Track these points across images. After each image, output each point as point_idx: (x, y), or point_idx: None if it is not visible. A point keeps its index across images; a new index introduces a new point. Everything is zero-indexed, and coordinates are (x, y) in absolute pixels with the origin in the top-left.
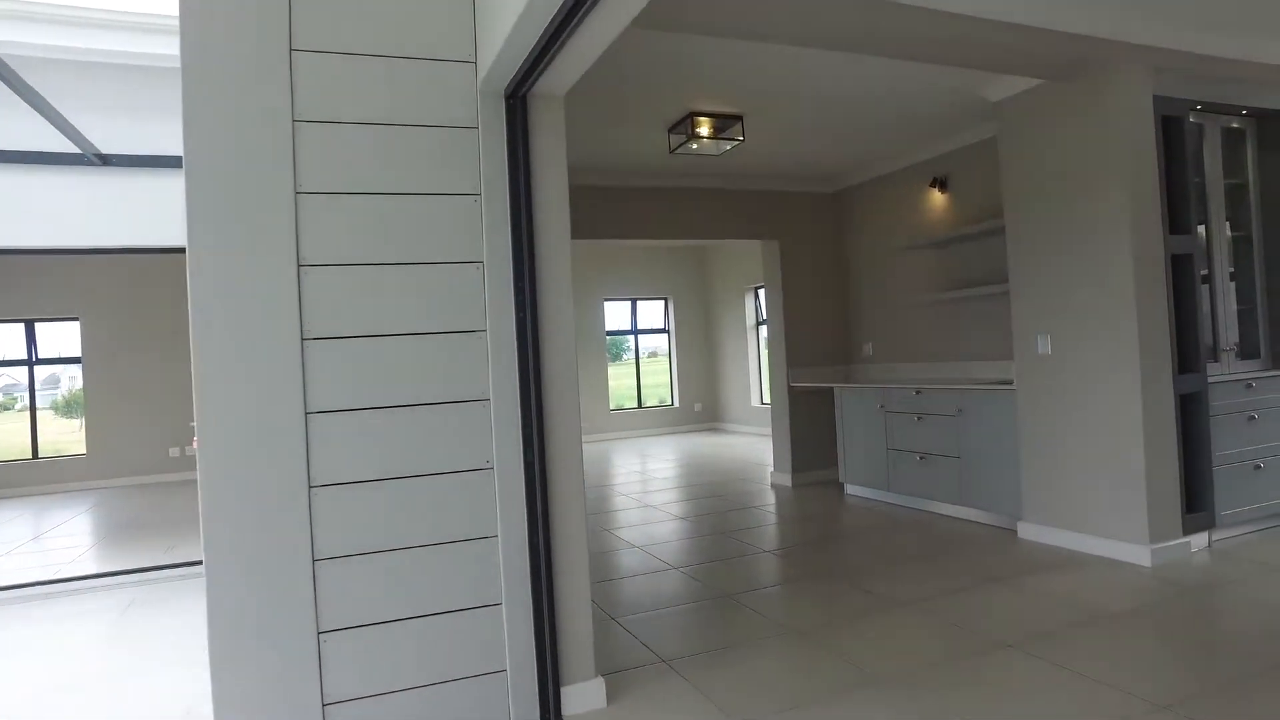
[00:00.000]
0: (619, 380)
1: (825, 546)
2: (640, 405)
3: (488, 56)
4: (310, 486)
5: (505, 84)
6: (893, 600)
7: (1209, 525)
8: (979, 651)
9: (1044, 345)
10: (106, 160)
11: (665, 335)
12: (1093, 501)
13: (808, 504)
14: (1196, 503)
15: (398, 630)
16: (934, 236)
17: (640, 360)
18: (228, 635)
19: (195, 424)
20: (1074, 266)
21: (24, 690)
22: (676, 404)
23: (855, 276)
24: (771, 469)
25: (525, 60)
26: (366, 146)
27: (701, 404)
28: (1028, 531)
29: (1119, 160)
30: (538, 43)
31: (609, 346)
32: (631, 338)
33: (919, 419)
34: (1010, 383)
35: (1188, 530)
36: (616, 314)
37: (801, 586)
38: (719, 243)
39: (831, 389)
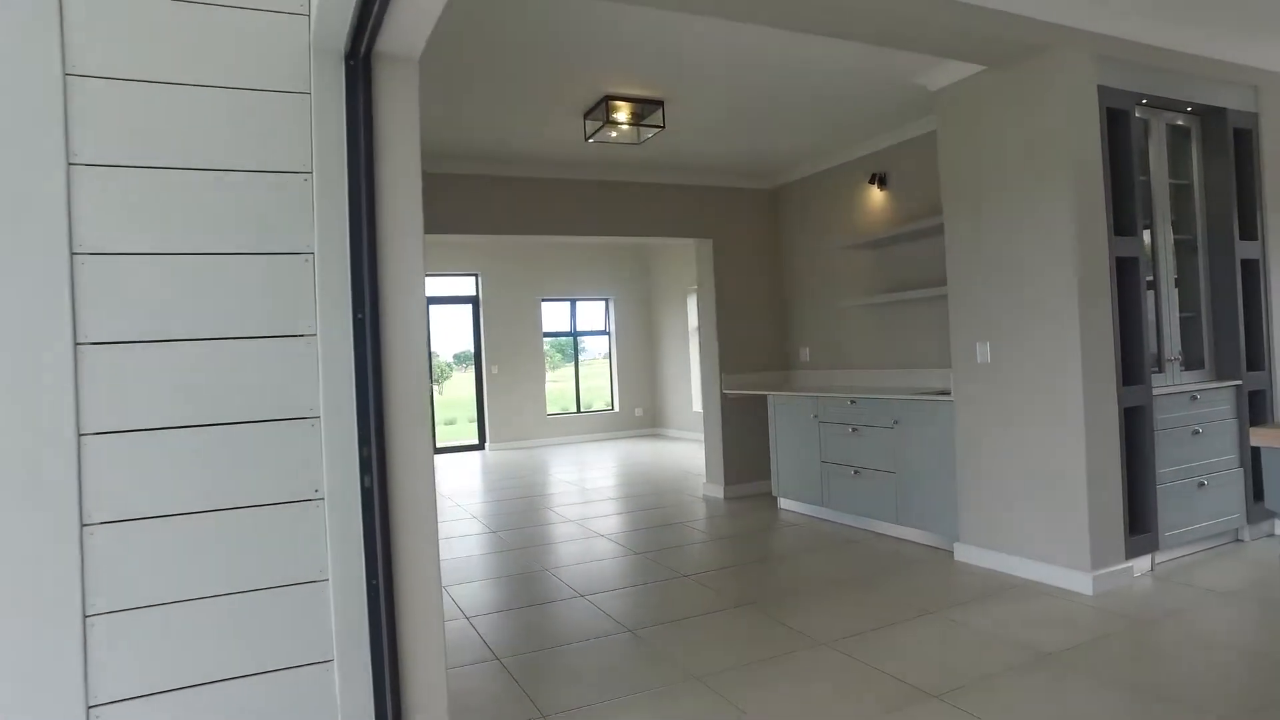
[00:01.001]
0: (566, 384)
1: (749, 572)
2: (579, 410)
3: (316, 3)
4: (83, 525)
5: (342, 40)
6: (812, 639)
7: (1152, 548)
8: (898, 705)
9: (983, 354)
10: None
11: (606, 337)
12: (1032, 524)
13: (738, 520)
14: (1139, 523)
15: (204, 697)
16: (873, 236)
17: (579, 363)
18: None
19: None
20: (1015, 268)
21: None
22: (617, 409)
23: (793, 278)
24: (704, 480)
25: (355, 6)
26: (165, 110)
27: (643, 409)
28: (965, 554)
29: (1063, 153)
30: None
31: (563, 348)
32: (570, 339)
33: (854, 431)
34: (950, 393)
35: (1131, 554)
36: (555, 315)
37: (715, 621)
38: (662, 242)
39: (765, 396)
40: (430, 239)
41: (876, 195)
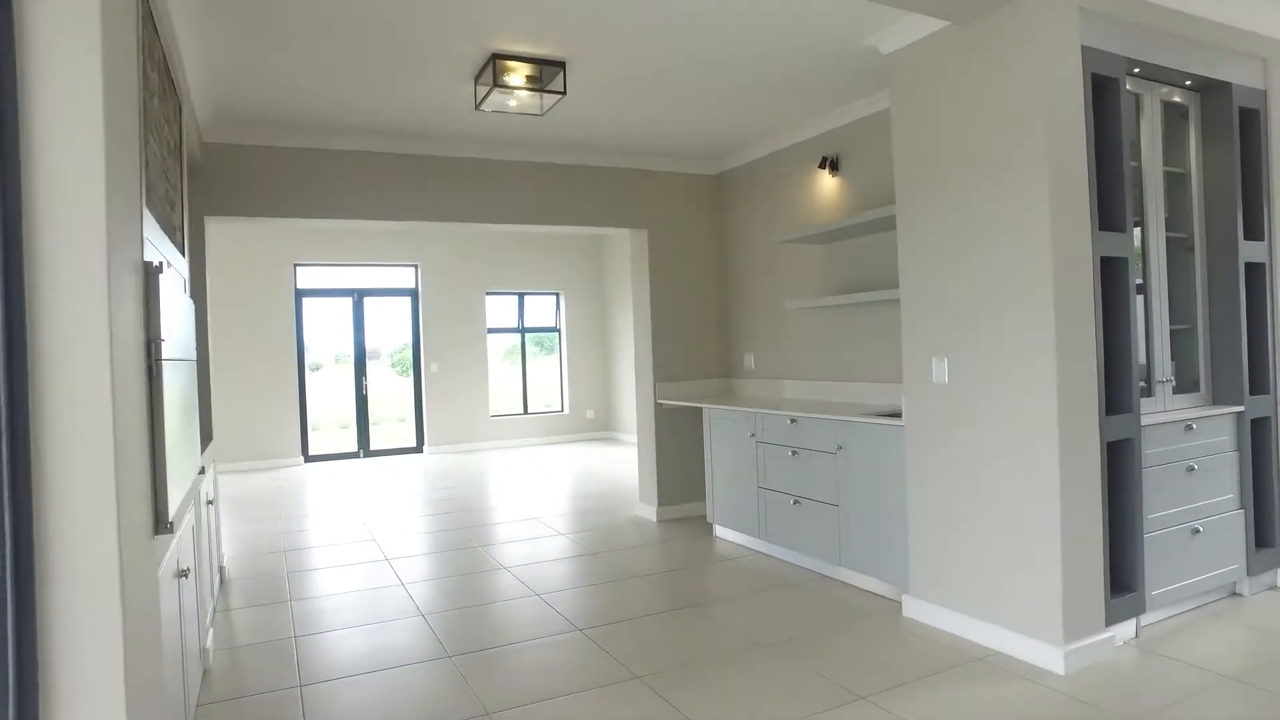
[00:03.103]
0: (512, 384)
1: (657, 625)
2: (526, 411)
3: None
4: None
5: None
6: None
7: (1137, 610)
8: None
9: (940, 372)
10: None
11: (556, 334)
12: (993, 582)
13: (666, 550)
14: (1123, 581)
15: None
16: (822, 228)
17: (526, 361)
18: None
19: None
20: (980, 269)
21: None
22: (567, 410)
23: (738, 276)
24: (637, 499)
25: None
26: None
27: (594, 411)
28: (914, 609)
29: (1037, 129)
30: None
31: (537, 342)
32: (518, 336)
33: (794, 454)
34: (901, 416)
35: (1112, 619)
36: (501, 310)
37: (589, 702)
38: (618, 235)
39: (701, 409)
40: (351, 225)
41: (828, 182)
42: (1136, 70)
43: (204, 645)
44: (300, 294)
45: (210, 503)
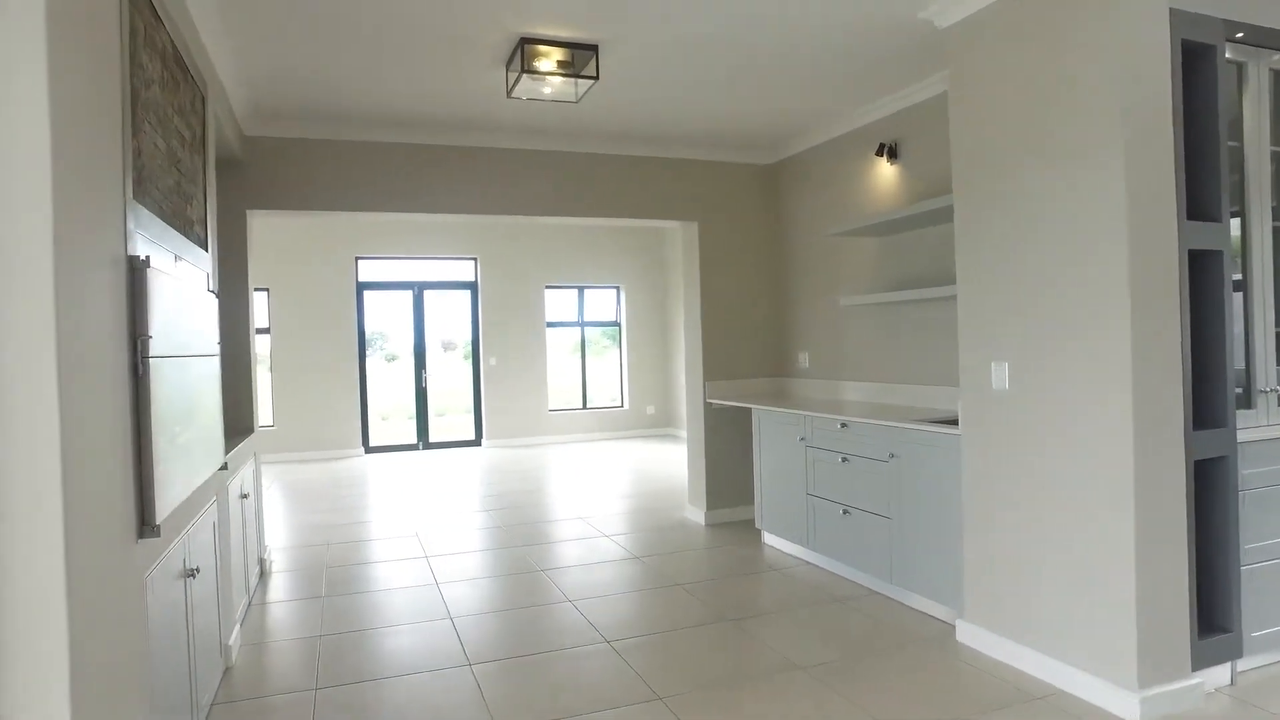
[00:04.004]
0: (572, 378)
1: (690, 637)
2: (585, 406)
3: None
4: None
5: None
6: None
7: (1232, 654)
8: None
9: (999, 378)
10: None
11: (616, 328)
12: (1059, 612)
13: (710, 557)
14: (1214, 620)
15: None
16: (878, 219)
17: (586, 355)
18: None
19: None
20: (1045, 264)
21: None
22: (627, 406)
23: (791, 268)
24: (687, 501)
25: None
26: None
27: (655, 407)
28: (970, 636)
29: (1114, 106)
30: None
31: (608, 335)
32: (578, 330)
33: (844, 460)
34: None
35: (1200, 663)
36: (560, 303)
37: None
38: (680, 227)
39: (750, 410)
40: (410, 219)
41: (886, 170)
42: (1239, 35)
43: (226, 642)
44: (361, 287)
45: (245, 496)
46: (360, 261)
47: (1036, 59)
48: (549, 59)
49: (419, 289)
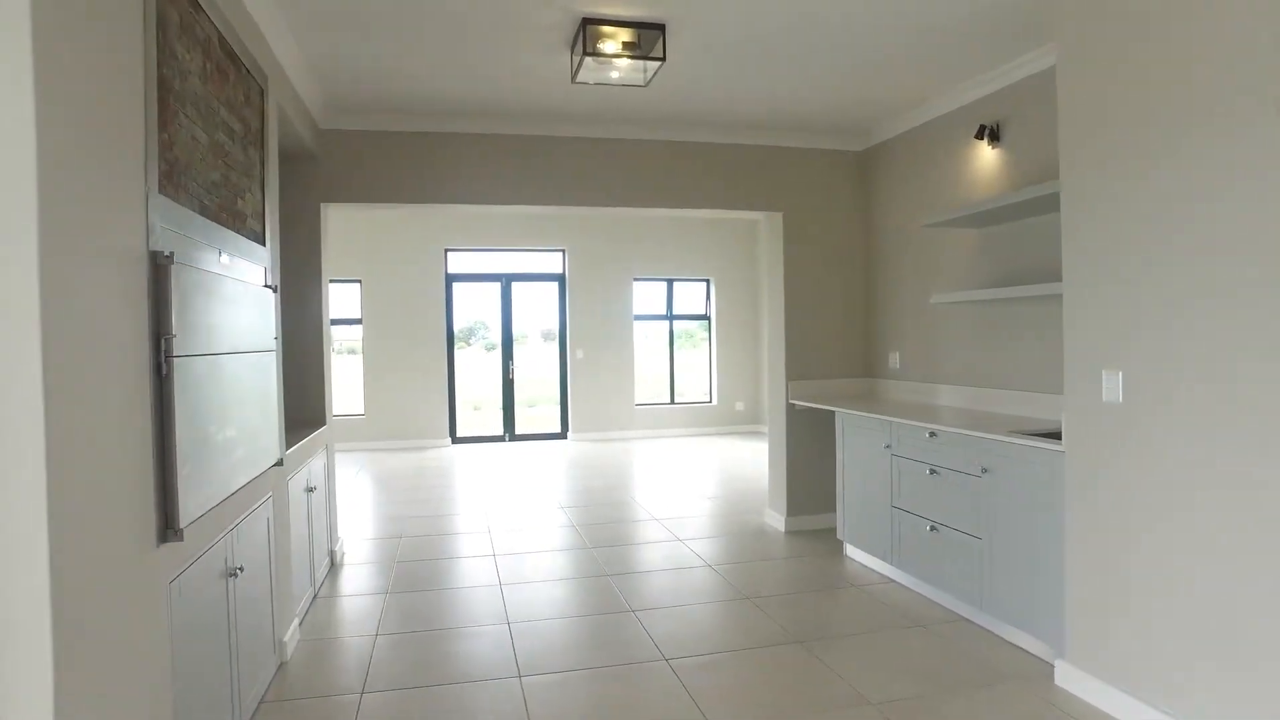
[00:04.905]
0: (660, 371)
1: (755, 659)
2: (672, 401)
3: None
4: None
5: None
6: None
7: None
8: None
9: (1112, 388)
10: None
11: (705, 322)
12: (1179, 664)
13: (787, 569)
14: None
15: None
16: (976, 208)
17: (675, 350)
18: None
19: None
20: (1172, 257)
21: None
22: (715, 401)
23: (882, 262)
24: (767, 506)
25: None
26: None
27: (744, 403)
28: (1070, 680)
29: (1269, 51)
30: None
31: (687, 334)
32: (666, 323)
33: (932, 472)
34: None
35: None
36: (649, 296)
37: None
38: (763, 219)
39: (834, 412)
40: (498, 210)
41: (987, 155)
42: None
43: (281, 638)
44: (450, 278)
45: (312, 490)
46: (449, 253)
47: (1169, 8)
48: (613, 40)
49: (506, 280)
